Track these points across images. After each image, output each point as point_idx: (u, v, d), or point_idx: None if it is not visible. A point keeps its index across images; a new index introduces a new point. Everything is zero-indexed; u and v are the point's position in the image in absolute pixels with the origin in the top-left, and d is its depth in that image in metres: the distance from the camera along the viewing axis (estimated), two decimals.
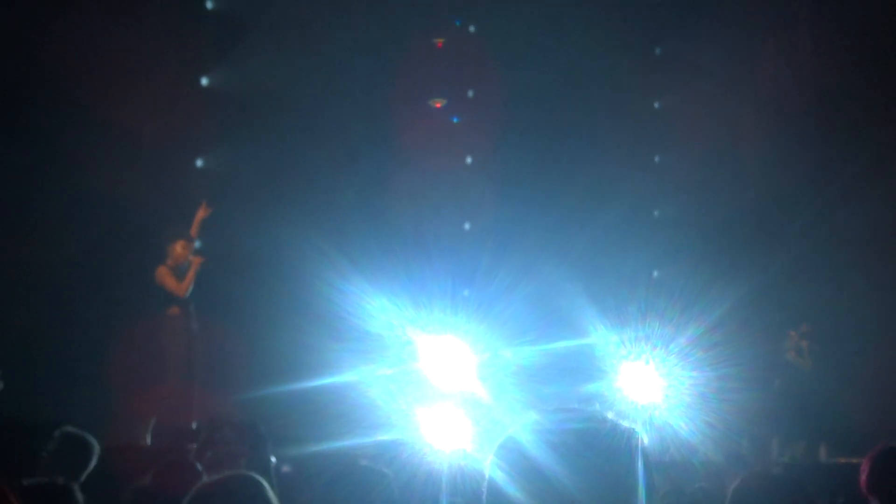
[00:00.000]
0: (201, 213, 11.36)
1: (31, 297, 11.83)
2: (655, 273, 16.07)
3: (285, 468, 7.12)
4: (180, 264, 10.98)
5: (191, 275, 10.96)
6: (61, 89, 12.04)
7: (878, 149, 15.11)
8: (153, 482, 5.57)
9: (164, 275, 10.92)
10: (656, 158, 16.60)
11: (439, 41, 15.18)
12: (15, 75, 11.94)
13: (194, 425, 10.66)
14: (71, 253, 11.99)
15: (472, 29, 15.47)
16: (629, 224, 15.73)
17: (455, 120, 15.31)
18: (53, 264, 11.83)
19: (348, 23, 14.23)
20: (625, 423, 2.30)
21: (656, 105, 16.61)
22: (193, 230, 11.39)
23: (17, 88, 11.96)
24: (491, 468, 2.29)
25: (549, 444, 2.24)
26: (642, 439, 2.24)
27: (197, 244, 13.52)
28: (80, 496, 4.34)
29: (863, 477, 4.76)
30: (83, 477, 5.87)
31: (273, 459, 6.98)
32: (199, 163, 13.85)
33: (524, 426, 2.28)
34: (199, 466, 6.20)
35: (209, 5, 13.83)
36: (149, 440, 10.49)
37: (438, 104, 15.34)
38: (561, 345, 13.65)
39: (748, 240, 15.80)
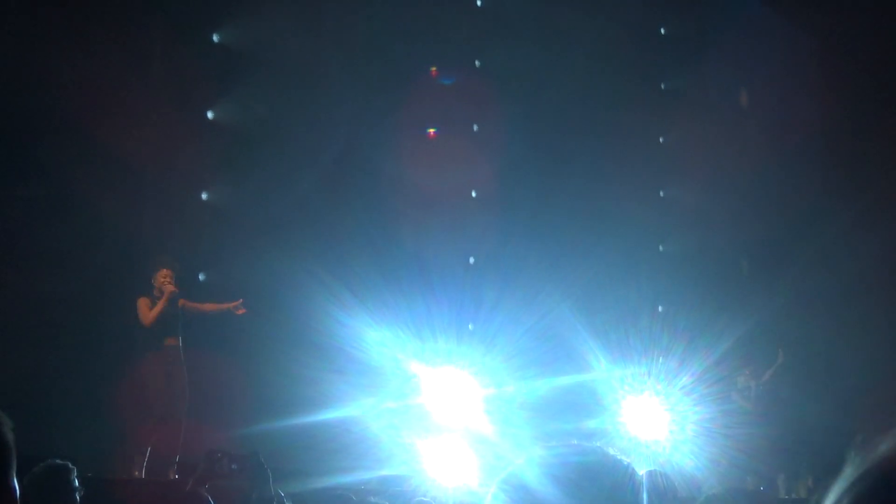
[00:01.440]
0: (234, 305, 11.19)
1: (34, 331, 11.81)
2: (660, 307, 16.02)
3: None
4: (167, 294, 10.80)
5: (160, 305, 10.68)
6: (66, 122, 12.07)
7: (883, 182, 15.10)
8: None
9: (141, 304, 10.75)
10: (661, 193, 16.60)
11: (433, 69, 15.19)
12: (19, 108, 11.98)
13: (177, 458, 10.61)
14: (74, 286, 11.97)
15: (476, 63, 15.51)
16: (634, 258, 15.69)
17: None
18: (56, 297, 11.81)
19: (352, 57, 14.28)
20: (626, 459, 2.29)
21: (661, 140, 16.62)
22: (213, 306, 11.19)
23: (22, 122, 12.00)
24: (494, 503, 2.27)
25: (553, 479, 2.22)
26: (651, 475, 2.23)
27: (202, 278, 13.54)
28: None
29: None
30: None
31: (282, 494, 6.94)
32: (203, 196, 13.88)
33: (527, 460, 2.27)
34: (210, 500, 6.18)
35: (215, 39, 13.89)
36: (143, 473, 10.43)
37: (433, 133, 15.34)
38: (565, 379, 13.61)
39: (753, 274, 15.76)
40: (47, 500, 5.66)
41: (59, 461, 6.05)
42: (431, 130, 15.31)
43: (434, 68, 15.16)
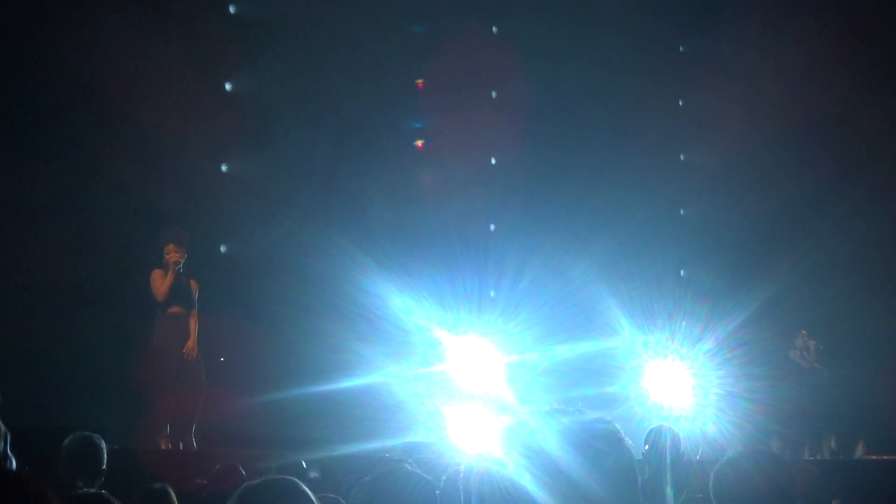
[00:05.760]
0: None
1: (55, 304, 11.89)
2: (683, 272, 16.00)
3: (313, 474, 7.13)
4: (181, 262, 10.83)
5: (168, 278, 10.72)
6: (86, 96, 12.11)
7: None
8: (212, 487, 5.65)
9: (155, 277, 10.79)
10: (681, 156, 16.53)
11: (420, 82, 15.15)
12: (39, 84, 12.01)
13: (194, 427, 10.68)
14: (96, 259, 12.05)
15: (494, 29, 15.45)
16: (656, 223, 15.65)
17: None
18: (79, 270, 11.88)
19: (371, 25, 14.24)
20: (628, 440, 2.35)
21: (680, 103, 16.53)
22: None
23: (41, 97, 12.03)
24: (517, 469, 2.29)
25: (574, 446, 2.24)
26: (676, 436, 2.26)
27: (224, 250, 13.59)
28: None
29: None
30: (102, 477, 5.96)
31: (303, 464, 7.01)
32: (223, 167, 13.90)
33: (548, 428, 2.29)
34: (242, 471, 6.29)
35: (231, 10, 13.87)
36: (170, 443, 10.52)
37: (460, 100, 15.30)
38: (588, 345, 13.62)
39: (777, 237, 15.70)
40: (80, 467, 5.79)
41: (88, 433, 6.16)
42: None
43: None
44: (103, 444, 6.13)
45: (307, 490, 2.89)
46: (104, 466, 6.02)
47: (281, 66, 13.97)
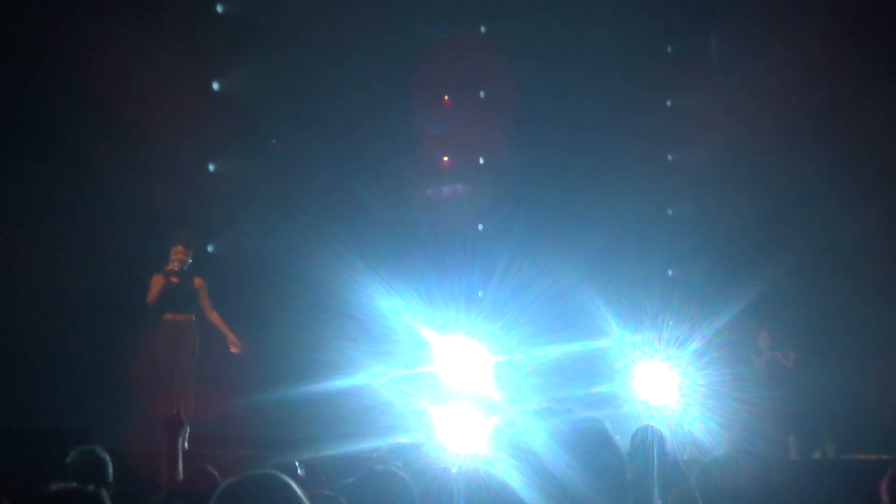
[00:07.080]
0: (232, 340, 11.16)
1: (51, 305, 11.86)
2: (670, 272, 16.02)
3: (300, 472, 7.10)
4: (175, 269, 10.85)
5: (155, 285, 10.75)
6: (74, 96, 12.08)
7: (887, 151, 15.02)
8: (184, 486, 5.67)
9: (153, 282, 10.84)
10: (669, 157, 16.55)
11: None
12: (31, 82, 12.00)
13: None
14: (88, 258, 12.02)
15: (482, 29, 15.45)
16: (644, 223, 15.67)
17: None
18: (67, 269, 11.86)
19: (360, 25, 14.23)
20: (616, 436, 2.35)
21: (668, 103, 16.55)
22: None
23: (35, 99, 12.01)
24: (504, 469, 2.29)
25: (561, 445, 2.24)
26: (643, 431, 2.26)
27: (211, 250, 13.57)
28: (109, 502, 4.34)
29: (884, 484, 4.65)
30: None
31: (297, 464, 6.99)
32: (210, 167, 13.87)
33: (535, 427, 2.29)
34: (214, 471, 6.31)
35: (219, 9, 13.84)
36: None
37: (449, 101, 15.31)
38: (575, 346, 13.63)
39: (764, 238, 15.72)
40: (85, 482, 5.81)
41: (91, 446, 6.17)
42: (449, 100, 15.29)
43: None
44: (107, 457, 6.14)
45: (289, 482, 2.86)
46: (110, 480, 6.01)
47: (269, 65, 13.95)
